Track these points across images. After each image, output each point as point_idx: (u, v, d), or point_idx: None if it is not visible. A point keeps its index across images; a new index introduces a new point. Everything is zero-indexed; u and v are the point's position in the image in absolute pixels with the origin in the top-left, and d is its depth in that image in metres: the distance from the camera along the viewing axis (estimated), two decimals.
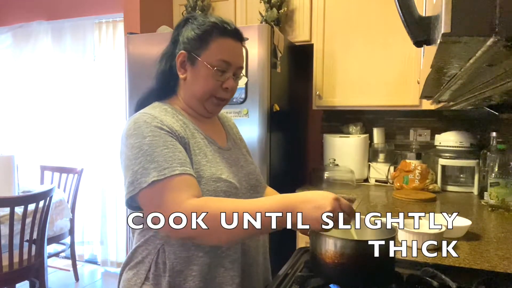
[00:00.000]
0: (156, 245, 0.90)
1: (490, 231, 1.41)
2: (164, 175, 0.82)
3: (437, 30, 0.41)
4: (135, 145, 0.86)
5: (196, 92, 0.97)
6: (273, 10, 2.34)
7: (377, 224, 0.97)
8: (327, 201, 0.76)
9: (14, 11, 3.75)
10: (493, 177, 1.72)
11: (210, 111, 1.00)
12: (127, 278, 0.94)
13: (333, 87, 2.37)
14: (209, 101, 0.98)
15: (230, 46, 0.96)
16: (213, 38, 0.94)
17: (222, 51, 0.95)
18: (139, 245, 0.93)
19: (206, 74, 0.95)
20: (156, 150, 0.84)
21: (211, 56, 0.94)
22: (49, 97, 3.64)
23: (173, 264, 0.89)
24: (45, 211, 2.41)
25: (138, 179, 0.83)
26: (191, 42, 0.96)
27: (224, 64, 0.95)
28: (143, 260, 0.92)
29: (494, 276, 0.98)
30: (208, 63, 0.94)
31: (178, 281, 0.89)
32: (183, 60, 0.97)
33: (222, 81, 0.96)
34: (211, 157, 0.95)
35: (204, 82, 0.95)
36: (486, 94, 0.92)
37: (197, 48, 0.95)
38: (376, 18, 2.24)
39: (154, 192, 0.82)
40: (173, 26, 2.71)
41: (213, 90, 0.96)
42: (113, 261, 3.44)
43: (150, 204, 0.83)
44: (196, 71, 0.96)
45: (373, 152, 2.49)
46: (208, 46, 0.94)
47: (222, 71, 0.95)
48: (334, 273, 0.85)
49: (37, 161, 3.63)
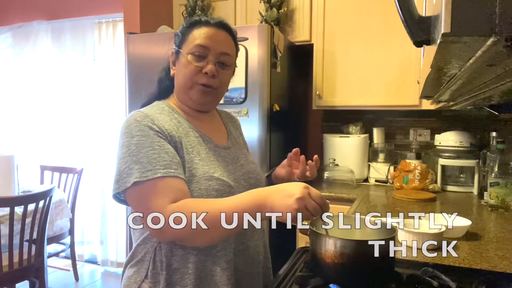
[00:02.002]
0: (153, 244, 0.92)
1: (490, 231, 1.41)
2: (146, 177, 0.84)
3: (437, 30, 0.41)
4: (124, 143, 0.89)
5: (180, 82, 1.00)
6: (273, 10, 2.34)
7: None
8: (297, 189, 0.77)
9: (14, 11, 3.75)
10: (493, 177, 1.72)
11: (196, 100, 0.99)
12: (128, 276, 0.96)
13: (333, 87, 2.37)
14: (193, 89, 0.98)
15: (209, 32, 0.97)
16: (190, 30, 0.99)
17: (198, 37, 0.97)
18: (139, 244, 0.95)
19: (185, 62, 0.97)
20: (142, 150, 0.86)
21: (188, 45, 0.98)
22: (49, 97, 3.64)
23: (169, 262, 0.90)
24: (45, 211, 2.41)
25: (123, 178, 0.86)
26: (176, 39, 1.02)
27: (201, 49, 0.96)
28: (143, 259, 0.93)
29: (494, 276, 0.98)
30: (187, 51, 0.97)
31: (175, 278, 0.90)
32: (173, 58, 1.03)
33: (202, 66, 0.96)
34: (204, 156, 0.95)
35: (184, 70, 0.98)
36: (486, 94, 0.92)
37: (181, 42, 1.00)
38: (376, 18, 2.24)
39: (137, 194, 0.86)
40: (173, 26, 2.71)
41: (193, 75, 0.97)
42: (113, 261, 3.44)
43: (136, 205, 0.88)
44: (180, 63, 1.00)
45: (373, 152, 2.49)
46: (187, 38, 0.99)
47: (200, 57, 0.96)
48: (334, 273, 0.85)
49: (37, 161, 3.63)
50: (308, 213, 0.77)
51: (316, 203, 0.77)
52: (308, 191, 0.77)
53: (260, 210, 0.79)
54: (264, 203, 0.79)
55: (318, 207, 0.78)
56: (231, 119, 1.19)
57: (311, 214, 0.77)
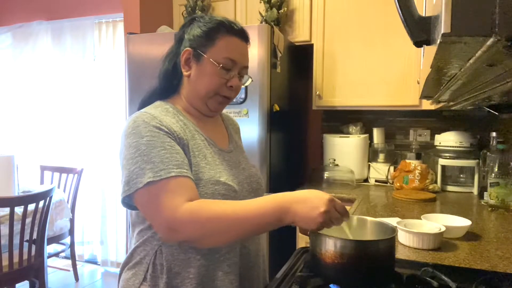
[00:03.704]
0: (153, 246, 0.90)
1: (490, 231, 1.41)
2: (160, 177, 0.81)
3: (437, 30, 0.41)
4: (132, 144, 0.85)
5: (201, 90, 0.96)
6: (273, 10, 2.34)
7: (377, 224, 0.97)
8: (322, 201, 0.77)
9: (14, 11, 3.75)
10: (493, 177, 1.72)
11: (213, 109, 0.99)
12: (126, 278, 0.94)
13: (333, 87, 2.37)
14: (213, 99, 0.96)
15: (236, 44, 0.96)
16: (220, 36, 0.94)
17: (229, 49, 0.94)
18: (138, 246, 0.93)
19: (211, 71, 0.94)
20: (153, 150, 0.83)
21: (217, 53, 0.93)
22: (49, 97, 3.64)
23: (170, 266, 0.88)
24: (45, 211, 2.41)
25: (134, 179, 0.82)
26: (197, 39, 0.95)
27: (230, 62, 0.94)
28: (141, 261, 0.91)
29: (494, 276, 0.98)
30: (214, 60, 0.93)
31: (176, 283, 0.88)
32: (188, 57, 0.96)
33: (227, 79, 0.95)
34: (210, 159, 0.94)
35: (209, 80, 0.94)
36: (486, 94, 0.92)
37: (203, 45, 0.94)
38: (376, 18, 2.24)
39: (149, 194, 0.82)
40: (173, 26, 2.71)
41: (218, 88, 0.95)
42: (113, 261, 3.44)
43: (146, 205, 0.83)
44: (201, 68, 0.94)
45: (373, 152, 2.49)
46: (214, 43, 0.93)
47: (227, 69, 0.95)
48: (334, 273, 0.85)
49: (37, 161, 3.63)
50: (331, 224, 0.79)
51: (339, 214, 0.79)
52: (333, 204, 0.78)
53: (282, 218, 0.79)
54: (287, 211, 0.78)
55: (341, 218, 0.80)
56: (232, 122, 1.17)
57: (333, 223, 0.80)
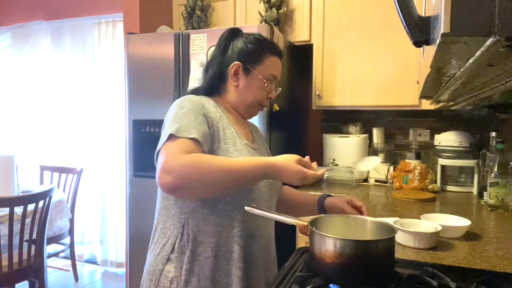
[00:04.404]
0: (181, 220, 1.03)
1: (490, 231, 1.41)
2: (180, 135, 0.94)
3: (437, 30, 0.41)
4: (172, 113, 1.01)
5: (247, 99, 1.13)
6: (273, 10, 2.34)
7: (377, 224, 0.97)
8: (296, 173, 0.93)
9: (14, 11, 3.75)
10: (492, 177, 1.72)
11: (252, 115, 1.19)
12: (156, 248, 1.07)
13: (332, 87, 2.37)
14: (255, 107, 1.15)
15: (278, 63, 1.17)
16: (267, 56, 1.13)
17: (273, 67, 1.14)
18: (166, 220, 1.06)
19: (259, 85, 1.12)
20: (185, 118, 0.98)
21: (265, 70, 1.12)
22: (49, 97, 3.64)
23: (195, 235, 1.02)
24: (45, 211, 2.41)
25: (163, 136, 0.97)
26: (246, 56, 1.11)
27: (272, 78, 1.15)
28: (170, 234, 1.04)
29: (493, 276, 0.98)
30: (262, 76, 1.12)
31: (199, 250, 1.02)
32: (237, 70, 1.11)
33: (268, 91, 1.14)
34: (239, 147, 1.07)
35: (256, 92, 1.13)
36: (486, 94, 0.93)
37: (252, 61, 1.11)
38: (376, 18, 2.24)
39: (166, 147, 0.94)
40: (173, 26, 2.71)
41: (262, 99, 1.14)
42: (113, 261, 3.44)
43: (161, 156, 0.93)
44: (250, 81, 1.12)
45: (372, 152, 2.49)
46: (263, 62, 1.12)
47: (270, 84, 1.14)
48: (334, 273, 0.85)
49: (36, 161, 3.63)
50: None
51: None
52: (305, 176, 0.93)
53: (268, 176, 0.94)
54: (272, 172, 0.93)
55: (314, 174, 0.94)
56: (255, 128, 1.30)
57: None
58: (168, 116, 1.03)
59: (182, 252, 1.03)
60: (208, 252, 1.02)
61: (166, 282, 1.03)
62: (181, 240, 1.03)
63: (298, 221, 0.96)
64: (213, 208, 1.02)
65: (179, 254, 1.03)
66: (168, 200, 1.06)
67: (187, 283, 1.01)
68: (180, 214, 1.04)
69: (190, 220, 1.03)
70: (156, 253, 1.07)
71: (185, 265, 1.02)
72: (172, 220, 1.05)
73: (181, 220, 1.04)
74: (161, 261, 1.05)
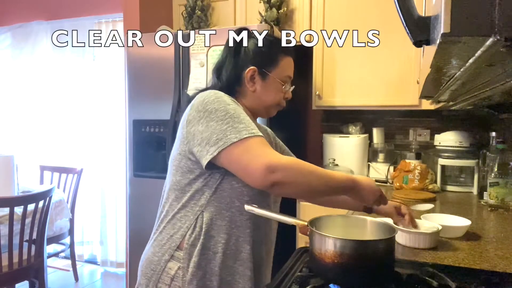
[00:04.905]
0: (195, 212, 1.03)
1: (490, 231, 1.41)
2: (253, 134, 0.93)
3: (437, 30, 0.41)
4: (219, 108, 0.97)
5: (266, 102, 1.12)
6: (273, 10, 2.34)
7: (377, 224, 0.97)
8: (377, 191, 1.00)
9: (14, 11, 3.75)
10: (492, 177, 1.72)
11: (270, 115, 1.18)
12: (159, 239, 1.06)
13: (332, 87, 2.37)
14: (273, 108, 1.15)
15: (291, 63, 1.15)
16: (282, 57, 1.11)
17: (288, 68, 1.13)
18: (176, 212, 1.05)
19: (276, 88, 1.12)
20: (241, 115, 0.97)
21: (280, 73, 1.11)
22: (49, 97, 3.64)
23: (208, 229, 1.02)
24: (45, 211, 2.41)
25: (228, 135, 0.93)
26: (260, 59, 1.10)
27: (288, 79, 1.14)
28: (181, 225, 1.04)
29: (493, 276, 0.98)
30: (279, 79, 1.11)
31: (210, 244, 1.02)
32: (253, 75, 1.09)
33: (284, 92, 1.14)
34: None
35: (274, 94, 1.12)
36: (486, 94, 0.93)
37: (268, 65, 1.10)
38: (376, 18, 2.24)
39: (246, 146, 0.92)
40: (173, 26, 2.71)
41: (280, 100, 1.14)
42: (113, 261, 3.44)
43: (242, 153, 0.92)
44: (267, 85, 1.11)
45: (372, 152, 2.49)
46: (278, 65, 1.11)
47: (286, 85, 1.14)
48: (334, 273, 0.85)
49: (36, 161, 3.63)
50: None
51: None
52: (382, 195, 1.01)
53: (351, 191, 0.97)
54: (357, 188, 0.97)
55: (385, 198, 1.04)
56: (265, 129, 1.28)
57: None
58: (213, 111, 0.97)
59: (193, 245, 1.02)
60: (218, 247, 1.02)
61: (171, 273, 1.02)
62: (193, 232, 1.02)
63: (298, 221, 0.96)
64: (230, 205, 1.02)
65: (190, 246, 1.02)
66: (182, 192, 1.05)
67: (193, 276, 1.01)
68: (195, 206, 1.03)
69: (206, 213, 1.02)
70: (161, 243, 1.06)
71: (194, 257, 1.01)
72: (184, 212, 1.04)
73: (196, 212, 1.03)
74: (167, 252, 1.04)
